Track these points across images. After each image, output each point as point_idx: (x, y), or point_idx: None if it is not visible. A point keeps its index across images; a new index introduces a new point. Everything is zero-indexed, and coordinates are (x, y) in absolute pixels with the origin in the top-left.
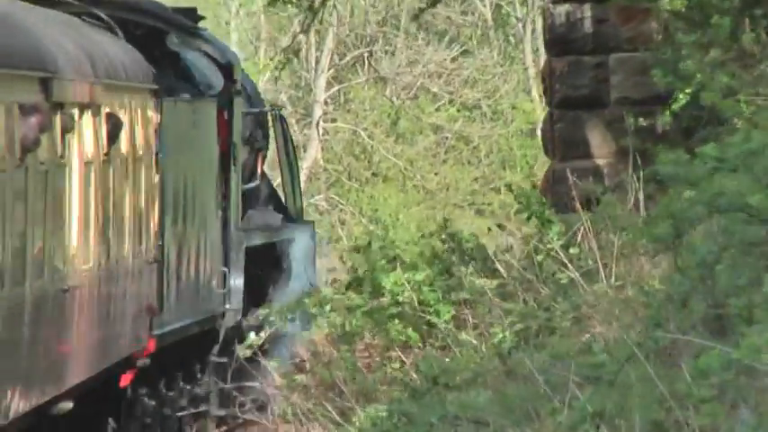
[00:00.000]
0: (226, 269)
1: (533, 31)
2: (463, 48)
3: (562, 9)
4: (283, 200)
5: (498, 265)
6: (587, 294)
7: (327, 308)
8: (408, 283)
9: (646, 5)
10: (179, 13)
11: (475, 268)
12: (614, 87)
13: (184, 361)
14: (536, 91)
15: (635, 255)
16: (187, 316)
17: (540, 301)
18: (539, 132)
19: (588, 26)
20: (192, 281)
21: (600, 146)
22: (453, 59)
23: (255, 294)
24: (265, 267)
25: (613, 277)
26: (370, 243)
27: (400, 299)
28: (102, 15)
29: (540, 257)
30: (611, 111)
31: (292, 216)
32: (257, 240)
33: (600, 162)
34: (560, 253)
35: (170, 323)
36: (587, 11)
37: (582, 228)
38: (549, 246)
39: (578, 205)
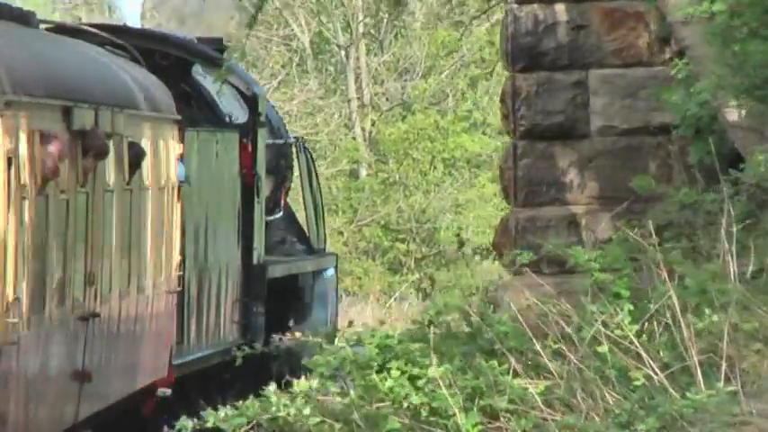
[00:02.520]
0: (247, 300)
1: (357, 59)
2: (279, 79)
3: (529, 10)
4: (306, 231)
5: (546, 359)
6: (682, 405)
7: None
8: (416, 381)
9: (638, 8)
10: (204, 44)
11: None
12: (596, 113)
13: (206, 391)
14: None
15: (750, 345)
16: (208, 346)
17: (610, 412)
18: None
19: (563, 34)
20: (213, 311)
21: (577, 189)
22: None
23: (276, 326)
24: (287, 299)
25: (722, 380)
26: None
27: (405, 404)
28: (126, 45)
29: (603, 348)
30: (592, 144)
31: (315, 248)
32: (279, 272)
33: (577, 210)
34: (637, 343)
35: (190, 353)
36: (562, 14)
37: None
38: (616, 331)
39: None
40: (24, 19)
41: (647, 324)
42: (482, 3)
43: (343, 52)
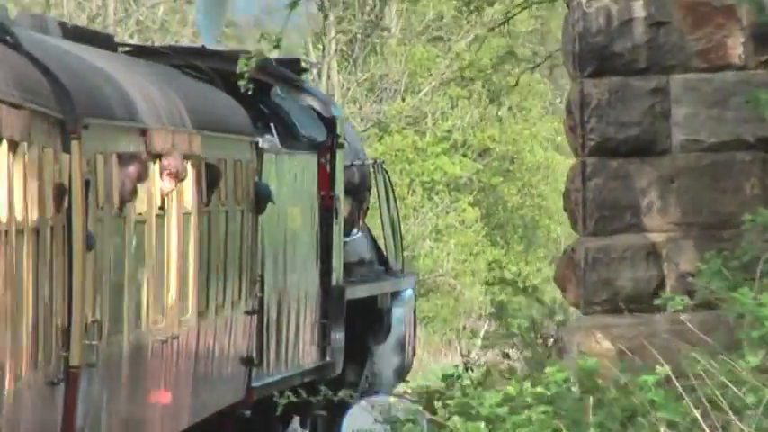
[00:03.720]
0: (326, 321)
1: (329, 78)
2: None
3: (600, 5)
4: (384, 252)
5: None
6: None
7: None
8: None
9: (728, 0)
10: (283, 65)
11: None
12: (678, 125)
13: (285, 414)
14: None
15: None
16: (287, 368)
17: None
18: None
19: (640, 32)
20: (292, 333)
21: (657, 213)
22: None
23: (356, 347)
24: (366, 320)
25: None
26: None
27: None
28: (203, 67)
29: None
30: (674, 161)
31: (393, 268)
32: (358, 293)
33: (656, 238)
34: None
35: (269, 375)
36: (639, 9)
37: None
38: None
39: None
40: (104, 42)
41: None
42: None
43: (315, 70)
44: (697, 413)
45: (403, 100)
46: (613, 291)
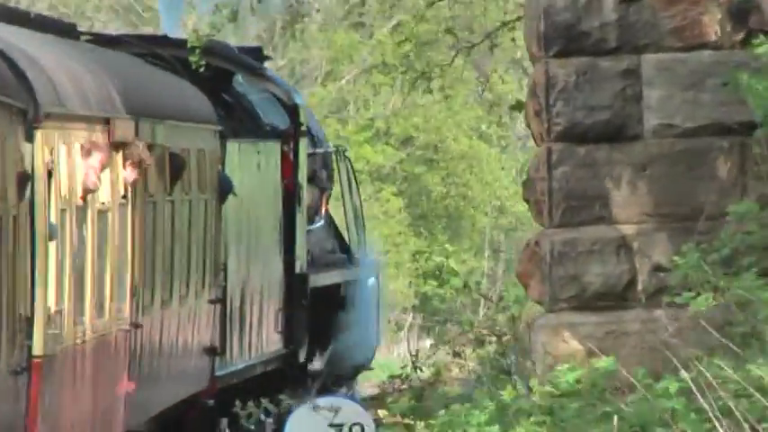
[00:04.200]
0: (289, 309)
1: None
2: None
3: None
4: (347, 240)
5: None
6: None
7: None
8: None
9: None
10: (245, 53)
11: None
12: (651, 109)
13: (248, 402)
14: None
15: None
16: (250, 357)
17: None
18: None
19: (609, 9)
20: (255, 321)
21: (628, 204)
22: None
23: (319, 335)
24: (329, 308)
25: None
26: None
27: None
28: (165, 56)
29: None
30: (647, 147)
31: (356, 256)
32: (321, 281)
33: (627, 230)
34: None
35: (233, 364)
36: None
37: None
38: None
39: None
40: (66, 31)
41: None
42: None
43: None
44: (720, 428)
45: (324, 87)
46: (581, 287)
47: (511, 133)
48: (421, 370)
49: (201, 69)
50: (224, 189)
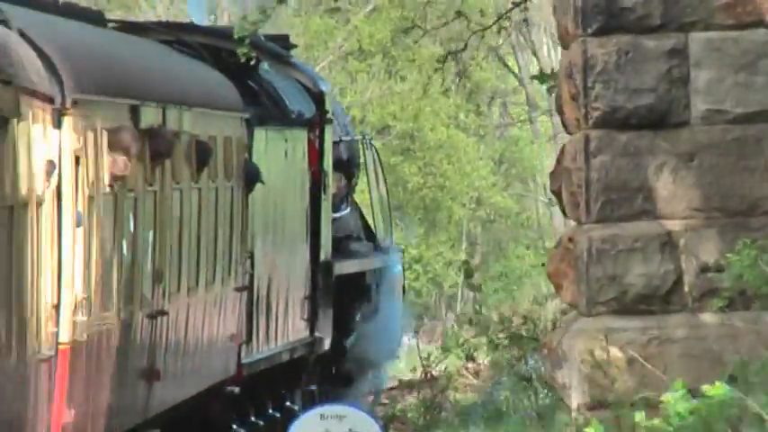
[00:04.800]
0: (315, 297)
1: None
2: None
3: None
4: (373, 228)
5: None
6: None
7: None
8: None
9: None
10: (271, 41)
11: None
12: (699, 93)
13: (274, 389)
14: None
15: None
16: (276, 344)
17: None
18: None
19: None
20: (281, 309)
21: (673, 197)
22: None
23: (344, 323)
24: (354, 296)
25: None
26: None
27: None
28: (192, 43)
29: None
30: (694, 134)
31: (382, 244)
32: (347, 269)
33: (673, 226)
34: None
35: (259, 351)
36: None
37: None
38: None
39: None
40: (93, 18)
41: None
42: None
43: None
44: None
45: None
46: (621, 288)
47: (489, 122)
48: (432, 376)
49: (228, 56)
50: (251, 178)
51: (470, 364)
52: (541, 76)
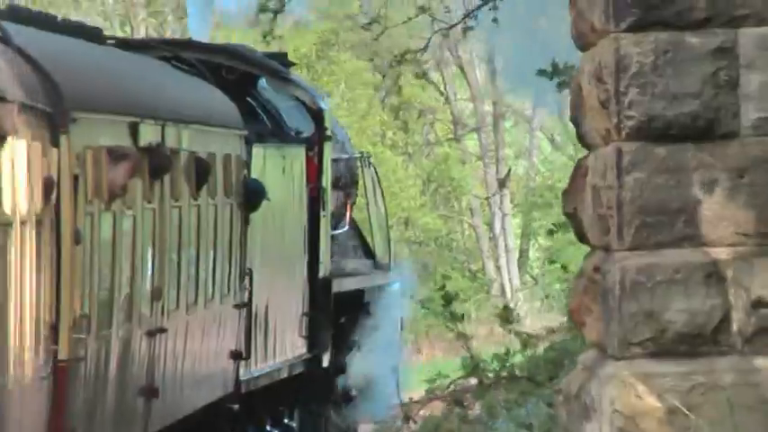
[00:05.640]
0: (313, 314)
1: None
2: None
3: None
4: (372, 246)
5: None
6: None
7: None
8: None
9: None
10: (270, 58)
11: None
12: (751, 99)
13: (272, 406)
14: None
15: None
16: (274, 361)
17: None
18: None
19: None
20: (280, 325)
21: (719, 219)
22: None
23: (343, 340)
24: (353, 313)
25: None
26: None
27: None
28: (191, 60)
29: None
30: (744, 147)
31: (380, 263)
32: (345, 286)
33: (719, 254)
34: None
35: (257, 368)
36: None
37: None
38: None
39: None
40: (92, 35)
41: None
42: None
43: None
44: None
45: None
46: (660, 326)
47: (418, 139)
48: (414, 422)
49: (227, 73)
50: (258, 195)
51: (458, 409)
52: (553, 71)
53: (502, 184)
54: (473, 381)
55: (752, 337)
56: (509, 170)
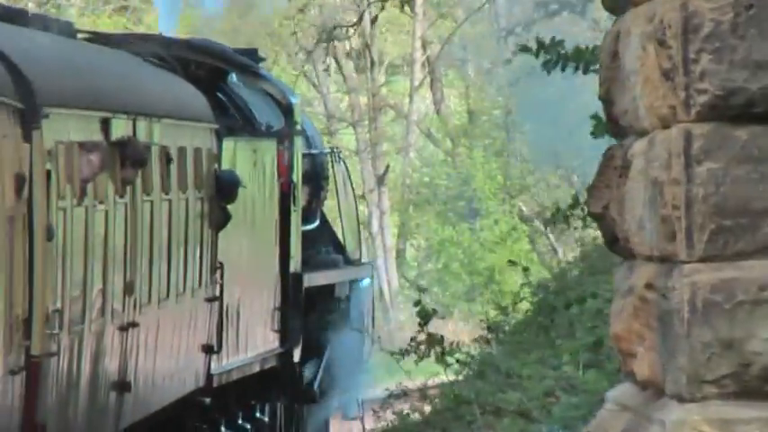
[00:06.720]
0: (284, 308)
1: None
2: None
3: None
4: (342, 241)
5: None
6: None
7: None
8: None
9: None
10: (240, 54)
11: None
12: None
13: (244, 400)
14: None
15: None
16: (246, 355)
17: None
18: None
19: None
20: (251, 319)
21: None
22: None
23: (313, 335)
24: (324, 308)
25: None
26: None
27: None
28: (163, 54)
29: None
30: None
31: (351, 258)
32: (316, 281)
33: None
34: None
35: (229, 362)
36: None
37: None
38: None
39: None
40: (63, 29)
41: None
42: None
43: None
44: None
45: None
46: (742, 360)
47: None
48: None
49: (197, 68)
50: (232, 185)
51: None
52: (539, 48)
53: (380, 180)
54: None
55: None
56: (387, 166)
